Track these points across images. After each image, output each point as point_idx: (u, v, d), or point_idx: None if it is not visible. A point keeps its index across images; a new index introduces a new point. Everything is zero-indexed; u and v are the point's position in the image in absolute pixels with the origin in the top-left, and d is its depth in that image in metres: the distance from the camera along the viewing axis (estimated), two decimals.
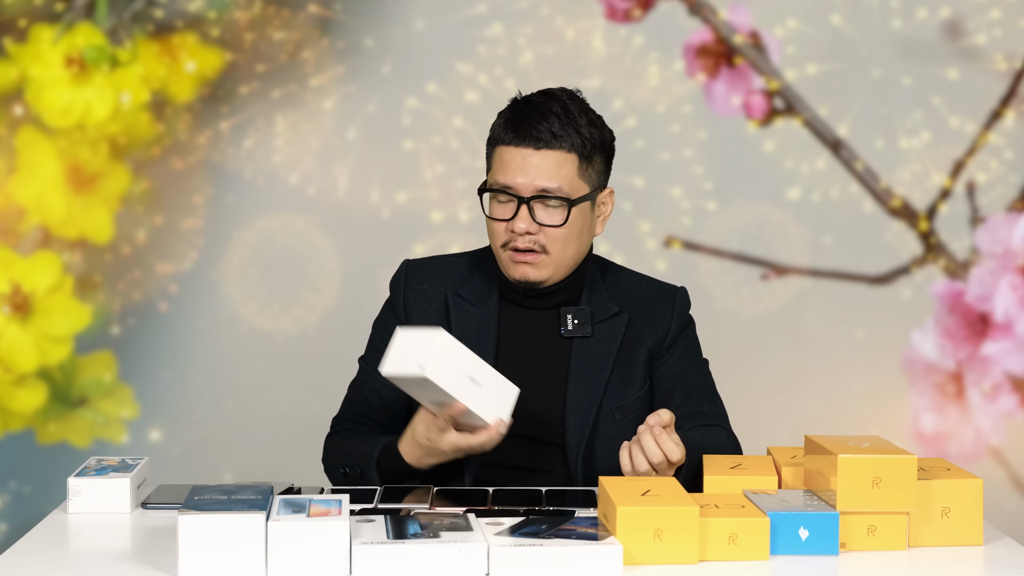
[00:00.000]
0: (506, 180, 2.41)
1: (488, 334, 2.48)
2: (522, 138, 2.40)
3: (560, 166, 2.40)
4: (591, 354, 2.48)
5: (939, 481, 2.04)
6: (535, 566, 1.86)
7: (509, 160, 2.41)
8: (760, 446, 2.41)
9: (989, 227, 3.91)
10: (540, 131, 2.39)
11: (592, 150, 2.43)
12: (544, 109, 2.42)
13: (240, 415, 3.89)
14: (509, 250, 2.43)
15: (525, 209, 2.40)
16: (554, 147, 2.40)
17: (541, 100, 2.44)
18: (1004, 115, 3.91)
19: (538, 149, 2.39)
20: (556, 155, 2.40)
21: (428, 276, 2.55)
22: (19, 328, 3.86)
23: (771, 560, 1.96)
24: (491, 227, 2.46)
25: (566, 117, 2.41)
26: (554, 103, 2.42)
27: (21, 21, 3.85)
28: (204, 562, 1.84)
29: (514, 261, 2.44)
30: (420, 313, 2.52)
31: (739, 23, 3.88)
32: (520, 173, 2.40)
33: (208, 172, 3.88)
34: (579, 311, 2.48)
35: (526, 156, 2.40)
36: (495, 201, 2.44)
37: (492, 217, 2.44)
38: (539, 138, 2.39)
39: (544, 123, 2.40)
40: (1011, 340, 3.87)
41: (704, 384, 2.54)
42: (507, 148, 2.42)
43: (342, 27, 3.87)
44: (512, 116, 2.43)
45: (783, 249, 3.93)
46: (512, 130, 2.41)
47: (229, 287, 3.90)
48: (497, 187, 2.42)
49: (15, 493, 3.90)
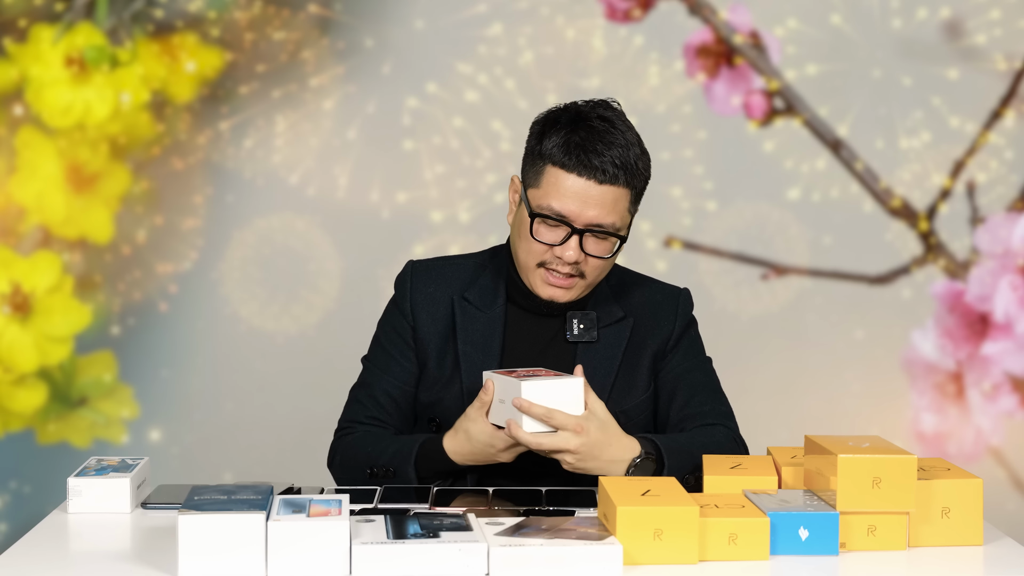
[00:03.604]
0: (562, 209, 2.35)
1: (494, 338, 2.48)
2: (585, 168, 2.33)
3: (617, 201, 2.36)
4: (596, 359, 2.48)
5: (939, 481, 2.04)
6: (535, 566, 1.86)
7: (568, 188, 2.34)
8: (760, 446, 2.42)
9: (989, 227, 3.91)
10: (604, 164, 2.33)
11: (643, 184, 2.41)
12: (607, 139, 2.35)
13: (240, 415, 3.89)
14: (544, 270, 2.40)
15: (576, 239, 2.36)
16: (616, 183, 2.34)
17: (601, 127, 2.36)
18: (1004, 115, 3.91)
19: (600, 183, 2.34)
20: (616, 191, 2.35)
21: (434, 279, 2.54)
22: (19, 328, 3.86)
23: (771, 560, 1.96)
24: (529, 244, 2.40)
25: (626, 149, 2.35)
26: (615, 133, 2.36)
27: (21, 21, 3.85)
28: (204, 562, 1.84)
29: (547, 282, 2.41)
30: (427, 316, 2.51)
31: (739, 23, 3.88)
32: (578, 204, 2.34)
33: (208, 172, 3.88)
34: (585, 316, 2.48)
35: (587, 188, 2.34)
36: (543, 224, 2.38)
37: (537, 239, 2.38)
38: (604, 171, 2.33)
39: (607, 155, 2.34)
40: (1011, 340, 3.87)
41: (707, 383, 2.53)
42: (565, 174, 2.35)
43: (342, 27, 3.87)
44: (571, 139, 2.35)
45: (783, 249, 3.93)
46: (575, 157, 2.34)
47: (229, 287, 3.90)
48: (551, 214, 2.36)
49: (15, 493, 3.90)
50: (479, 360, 2.45)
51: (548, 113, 2.43)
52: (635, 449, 2.27)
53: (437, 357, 2.46)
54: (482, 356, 2.46)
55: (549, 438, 2.23)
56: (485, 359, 2.46)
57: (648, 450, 2.28)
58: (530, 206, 2.39)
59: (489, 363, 2.45)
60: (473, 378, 2.43)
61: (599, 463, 2.26)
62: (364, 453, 2.44)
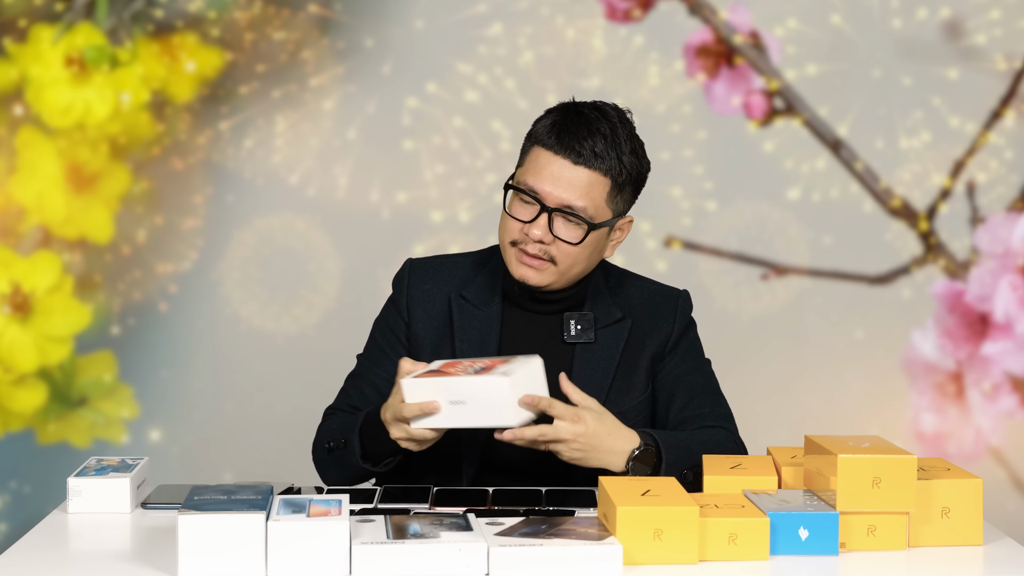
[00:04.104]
0: (535, 184, 2.38)
1: (491, 337, 2.48)
2: (563, 148, 2.37)
3: (592, 187, 2.37)
4: (594, 360, 2.47)
5: (939, 481, 2.04)
6: (535, 566, 1.86)
7: (544, 166, 2.38)
8: (760, 446, 2.41)
9: (989, 227, 3.91)
10: (583, 146, 2.36)
11: (626, 180, 2.41)
12: (593, 125, 2.38)
13: (240, 415, 3.90)
14: (517, 249, 2.42)
15: (545, 218, 2.38)
16: (592, 167, 2.36)
17: (592, 115, 2.39)
18: (1004, 115, 3.91)
19: (575, 164, 2.36)
20: (591, 175, 2.37)
21: (432, 276, 2.54)
22: (19, 328, 3.86)
23: (771, 560, 1.96)
24: (505, 222, 2.43)
25: (612, 140, 2.37)
26: (604, 123, 2.39)
27: (21, 21, 3.85)
28: (204, 562, 1.84)
29: (519, 261, 2.42)
30: (423, 314, 2.52)
31: (739, 23, 3.88)
32: (551, 182, 2.37)
33: (208, 172, 3.88)
34: (582, 317, 2.48)
35: (562, 167, 2.37)
36: (517, 199, 2.41)
37: (510, 214, 2.41)
38: (580, 153, 2.36)
39: (589, 139, 2.36)
40: (1011, 340, 3.87)
41: (707, 385, 2.53)
42: (545, 152, 2.38)
43: (342, 27, 3.87)
44: (559, 122, 2.39)
45: (783, 249, 3.93)
46: (556, 136, 2.38)
47: (229, 287, 3.90)
48: (524, 188, 2.39)
49: (15, 493, 3.90)
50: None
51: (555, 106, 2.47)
52: (634, 440, 2.27)
53: (432, 355, 2.45)
54: (479, 354, 2.45)
55: (551, 428, 2.22)
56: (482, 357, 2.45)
57: (647, 442, 2.28)
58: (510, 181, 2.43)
59: None
60: None
61: (599, 454, 2.26)
62: (328, 429, 2.47)
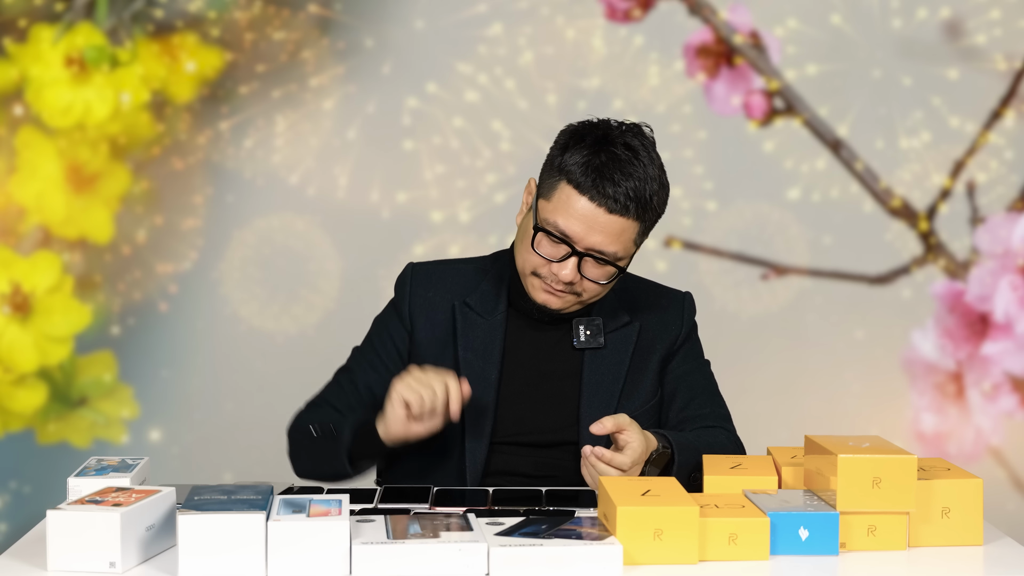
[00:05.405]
0: (567, 228, 2.32)
1: (495, 345, 2.45)
2: (598, 194, 2.30)
3: (623, 232, 2.34)
4: (604, 364, 2.47)
5: (939, 481, 2.04)
6: (535, 566, 1.86)
7: (577, 210, 2.32)
8: (760, 446, 2.41)
9: (989, 227, 3.91)
10: (618, 194, 2.30)
11: (655, 220, 2.39)
12: (626, 169, 2.32)
13: (240, 415, 3.89)
14: (538, 278, 2.38)
15: (575, 260, 2.34)
16: (625, 215, 2.32)
17: (624, 156, 2.33)
18: (1004, 115, 3.91)
19: (610, 212, 2.31)
20: (624, 222, 2.33)
21: (435, 283, 2.51)
22: (19, 328, 3.86)
23: (771, 560, 1.96)
24: (528, 255, 2.38)
25: (644, 181, 2.33)
26: (636, 165, 2.32)
27: (21, 21, 3.85)
28: (204, 562, 1.84)
29: (541, 289, 2.39)
30: (426, 321, 2.49)
31: (739, 23, 3.87)
32: (583, 228, 2.32)
33: (208, 172, 3.88)
34: (591, 322, 2.46)
35: (596, 214, 2.31)
36: (544, 237, 2.35)
37: (537, 251, 2.36)
38: (616, 200, 2.30)
39: (624, 184, 2.30)
40: (1011, 340, 3.87)
41: (707, 386, 2.54)
42: (578, 197, 2.32)
43: (342, 27, 3.87)
44: (592, 163, 2.32)
45: (783, 249, 3.93)
46: (590, 181, 2.31)
47: (229, 287, 3.90)
48: (556, 231, 2.34)
49: (15, 493, 3.90)
50: (479, 367, 2.43)
51: (579, 126, 2.39)
52: (653, 443, 2.28)
53: (435, 363, 2.41)
54: (482, 363, 2.44)
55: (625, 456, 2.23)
56: (485, 366, 2.44)
57: (664, 444, 2.29)
58: (537, 218, 2.37)
59: (489, 370, 2.43)
60: (473, 385, 2.37)
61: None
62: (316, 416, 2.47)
